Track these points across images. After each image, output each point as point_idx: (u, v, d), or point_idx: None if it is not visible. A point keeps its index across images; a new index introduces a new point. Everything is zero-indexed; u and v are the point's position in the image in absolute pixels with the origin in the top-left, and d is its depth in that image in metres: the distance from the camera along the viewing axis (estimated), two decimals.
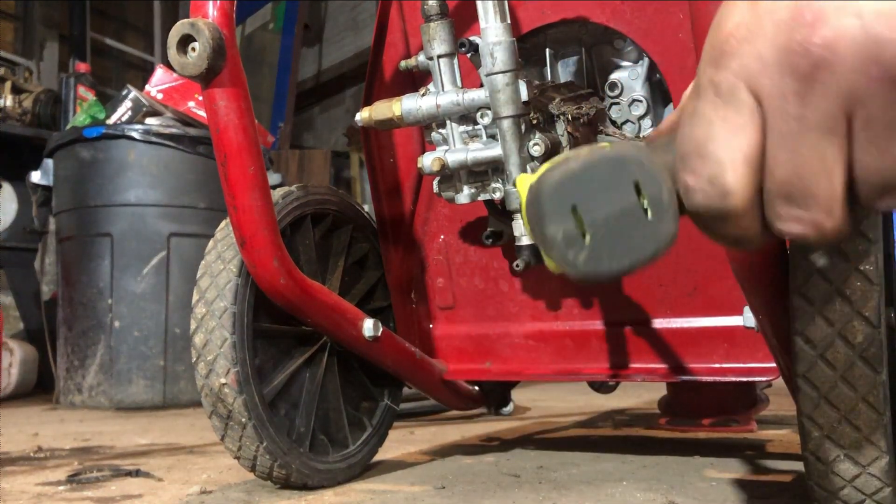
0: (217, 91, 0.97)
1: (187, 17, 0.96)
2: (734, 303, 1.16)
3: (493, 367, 1.36)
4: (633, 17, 1.15)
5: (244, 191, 1.01)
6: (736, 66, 0.35)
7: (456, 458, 1.50)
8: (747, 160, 0.35)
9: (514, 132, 1.01)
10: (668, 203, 0.38)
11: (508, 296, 1.35)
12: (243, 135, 0.99)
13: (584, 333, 1.30)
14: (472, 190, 1.10)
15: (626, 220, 0.38)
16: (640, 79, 1.21)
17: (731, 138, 0.35)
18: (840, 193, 0.35)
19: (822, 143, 0.34)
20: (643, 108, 1.21)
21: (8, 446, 1.78)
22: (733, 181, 0.36)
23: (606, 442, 1.67)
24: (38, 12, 5.50)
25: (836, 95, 0.33)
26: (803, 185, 0.35)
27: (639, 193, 0.38)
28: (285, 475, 1.17)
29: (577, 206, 0.38)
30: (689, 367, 1.22)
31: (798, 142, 0.34)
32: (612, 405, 2.62)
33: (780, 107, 0.34)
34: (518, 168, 1.02)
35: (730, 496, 1.09)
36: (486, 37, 1.00)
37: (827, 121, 0.33)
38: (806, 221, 0.35)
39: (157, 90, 2.96)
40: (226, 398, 1.13)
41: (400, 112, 1.07)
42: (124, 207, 2.84)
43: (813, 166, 0.34)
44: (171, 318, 2.85)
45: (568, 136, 1.08)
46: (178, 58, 0.95)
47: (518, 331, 1.34)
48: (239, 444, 1.15)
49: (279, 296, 1.09)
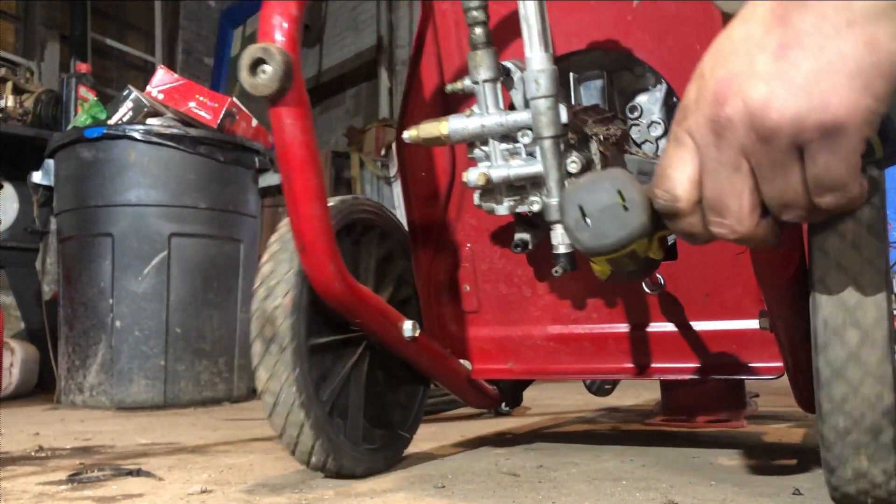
0: (284, 110, 1.05)
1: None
2: (742, 308, 1.28)
3: (516, 367, 1.46)
4: (654, 47, 1.26)
5: (306, 201, 1.10)
6: (685, 125, 0.56)
7: (455, 457, 1.50)
8: (689, 180, 0.56)
9: (555, 151, 1.11)
10: (639, 202, 0.59)
11: (531, 301, 1.44)
12: (306, 150, 1.07)
13: (602, 336, 1.40)
14: (512, 202, 1.19)
15: (611, 211, 0.60)
16: (658, 102, 1.35)
17: (680, 166, 0.56)
18: (747, 209, 0.53)
19: (731, 176, 0.53)
20: (661, 129, 1.35)
21: (9, 446, 1.79)
22: (680, 191, 0.56)
23: (606, 441, 1.68)
24: (39, 13, 5.50)
25: (735, 148, 0.52)
26: (720, 202, 0.54)
27: (620, 196, 0.60)
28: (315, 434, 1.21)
29: (582, 205, 0.61)
30: (700, 367, 1.33)
31: (716, 174, 0.54)
32: (611, 404, 2.63)
33: (706, 152, 0.54)
34: (557, 183, 1.11)
35: (729, 496, 1.10)
36: (531, 65, 1.10)
37: (732, 163, 0.53)
38: (724, 226, 0.55)
39: (158, 91, 2.97)
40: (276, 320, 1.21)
41: (447, 131, 1.17)
42: (125, 207, 2.85)
43: (726, 191, 0.53)
44: (172, 318, 2.85)
45: (600, 154, 1.18)
46: (250, 79, 1.02)
47: (539, 333, 1.44)
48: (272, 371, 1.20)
49: (333, 298, 1.17)
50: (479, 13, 1.13)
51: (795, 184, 0.51)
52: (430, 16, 1.41)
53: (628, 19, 1.27)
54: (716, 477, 1.24)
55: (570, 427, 2.02)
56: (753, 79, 0.50)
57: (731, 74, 0.51)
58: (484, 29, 1.14)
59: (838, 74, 0.46)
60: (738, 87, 0.50)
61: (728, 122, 0.51)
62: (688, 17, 1.24)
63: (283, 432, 1.21)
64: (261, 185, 3.13)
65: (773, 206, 0.53)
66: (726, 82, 0.51)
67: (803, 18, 0.48)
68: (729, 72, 0.51)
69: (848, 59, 0.46)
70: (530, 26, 1.09)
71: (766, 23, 0.50)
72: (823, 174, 0.49)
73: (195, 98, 2.97)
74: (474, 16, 1.14)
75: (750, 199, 0.53)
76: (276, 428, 1.21)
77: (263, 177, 3.13)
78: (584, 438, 1.75)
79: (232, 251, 3.04)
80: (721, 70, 0.52)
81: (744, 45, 0.51)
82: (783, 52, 0.48)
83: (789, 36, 0.48)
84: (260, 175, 3.13)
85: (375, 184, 5.84)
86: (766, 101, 0.49)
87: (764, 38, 0.50)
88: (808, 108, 0.47)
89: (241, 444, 1.78)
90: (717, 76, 0.52)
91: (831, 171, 0.49)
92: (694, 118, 0.54)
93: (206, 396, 2.91)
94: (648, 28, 1.26)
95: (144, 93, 2.96)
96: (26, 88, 3.95)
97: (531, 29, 1.09)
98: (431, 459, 1.48)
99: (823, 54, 0.47)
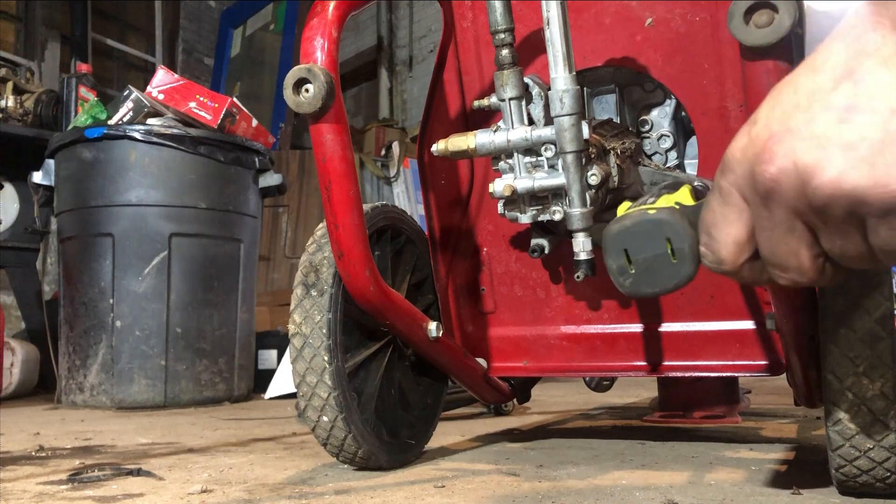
0: (325, 126, 1.13)
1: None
2: (745, 309, 1.35)
3: (530, 365, 1.52)
4: (665, 65, 1.32)
5: (345, 212, 1.17)
6: (731, 178, 0.50)
7: (455, 456, 1.51)
8: (736, 242, 0.52)
9: (577, 165, 1.17)
10: (687, 254, 0.56)
11: (544, 302, 1.51)
12: (346, 164, 1.15)
13: (613, 335, 1.47)
14: (534, 212, 1.26)
15: (658, 262, 0.57)
16: (668, 117, 1.40)
17: (726, 226, 0.52)
18: (808, 263, 0.49)
19: (785, 236, 0.49)
20: (670, 142, 1.40)
21: (9, 445, 1.79)
22: (725, 255, 0.53)
23: (606, 441, 1.68)
24: (40, 13, 5.50)
25: (785, 210, 0.47)
26: (778, 260, 0.50)
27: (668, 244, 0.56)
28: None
29: (627, 249, 0.58)
30: (705, 365, 1.39)
31: (769, 234, 0.50)
32: (610, 402, 2.63)
33: (756, 211, 0.50)
34: (579, 195, 1.18)
35: (729, 495, 1.10)
36: (555, 84, 1.16)
37: (784, 223, 0.48)
38: (786, 279, 0.51)
39: (159, 91, 2.97)
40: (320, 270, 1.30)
41: (474, 145, 1.24)
42: (125, 207, 2.85)
43: (782, 249, 0.50)
44: (173, 318, 2.86)
45: (617, 167, 1.25)
46: (294, 97, 1.10)
47: (553, 333, 1.51)
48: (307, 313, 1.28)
49: (367, 301, 1.24)
50: (506, 35, 1.21)
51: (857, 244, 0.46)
52: (451, 32, 1.46)
53: (639, 39, 1.33)
54: (715, 476, 1.24)
55: (570, 425, 2.02)
56: (810, 140, 0.44)
57: (786, 130, 0.46)
58: (510, 50, 1.20)
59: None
60: (791, 146, 0.45)
61: (775, 184, 0.46)
62: (697, 36, 1.28)
63: (303, 386, 1.27)
64: (261, 185, 3.13)
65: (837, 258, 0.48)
66: (778, 138, 0.46)
67: (877, 78, 0.43)
68: (785, 126, 0.46)
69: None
70: (555, 49, 1.15)
71: (836, 76, 0.44)
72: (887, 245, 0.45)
73: (195, 98, 2.97)
74: (501, 38, 1.21)
75: (809, 252, 0.49)
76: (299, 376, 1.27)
77: (263, 177, 3.13)
78: (585, 437, 1.75)
79: (232, 251, 3.04)
80: (777, 123, 0.46)
81: (808, 100, 0.45)
82: (849, 116, 0.43)
83: (859, 96, 0.43)
84: (260, 175, 3.13)
85: (375, 184, 5.84)
86: (818, 168, 0.44)
87: (831, 95, 0.44)
88: (868, 183, 0.42)
89: (242, 443, 1.78)
90: (771, 129, 0.47)
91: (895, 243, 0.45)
92: (742, 171, 0.49)
93: (206, 396, 2.92)
94: (659, 47, 1.31)
95: (145, 93, 2.97)
96: (27, 88, 3.95)
97: (556, 52, 1.15)
98: (431, 459, 1.48)
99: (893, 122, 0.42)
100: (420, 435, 1.51)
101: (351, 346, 1.36)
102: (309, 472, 1.36)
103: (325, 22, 1.12)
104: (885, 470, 1.01)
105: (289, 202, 5.21)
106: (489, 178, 1.45)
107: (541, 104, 1.20)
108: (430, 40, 6.67)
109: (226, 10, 6.96)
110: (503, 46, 1.20)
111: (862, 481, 1.04)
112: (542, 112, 1.20)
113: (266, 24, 6.44)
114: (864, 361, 0.99)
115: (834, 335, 1.01)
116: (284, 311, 3.95)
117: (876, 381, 0.99)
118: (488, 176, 1.46)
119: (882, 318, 0.99)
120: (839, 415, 1.01)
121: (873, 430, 1.00)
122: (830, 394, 1.02)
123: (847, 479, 1.04)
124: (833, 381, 1.01)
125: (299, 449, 1.67)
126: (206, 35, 6.93)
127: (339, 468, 1.40)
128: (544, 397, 2.90)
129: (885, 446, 1.00)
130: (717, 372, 1.38)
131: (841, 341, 1.00)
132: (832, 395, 1.02)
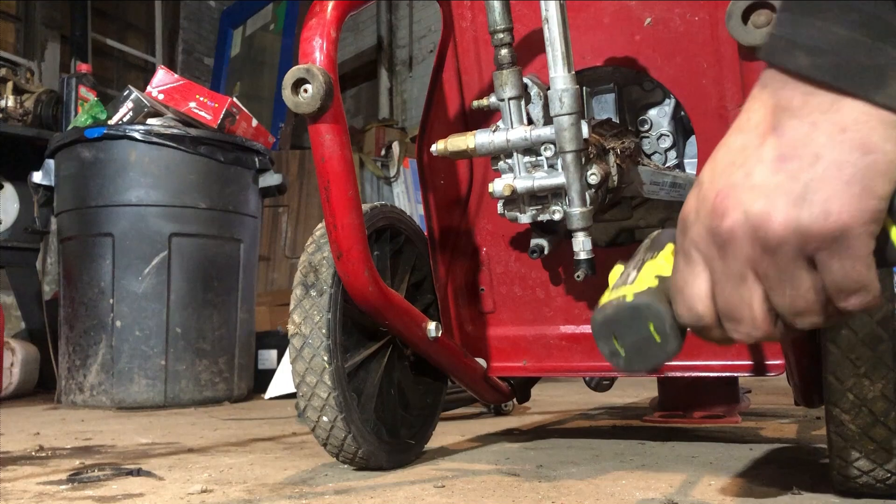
0: (323, 126, 1.12)
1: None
2: None
3: (530, 365, 1.54)
4: (664, 64, 1.31)
5: (344, 212, 1.16)
6: (690, 237, 0.54)
7: (455, 456, 1.51)
8: (707, 296, 0.54)
9: (577, 164, 1.17)
10: (669, 332, 0.59)
11: (544, 302, 1.50)
12: (344, 164, 1.15)
13: None
14: (534, 211, 1.26)
15: (644, 343, 0.60)
16: (667, 116, 1.40)
17: (693, 282, 0.54)
18: (760, 316, 0.52)
19: (738, 287, 0.51)
20: (669, 141, 1.40)
21: (9, 445, 1.79)
22: (701, 309, 0.55)
23: (606, 441, 1.68)
24: (40, 13, 5.50)
25: (739, 260, 0.50)
26: (732, 313, 0.53)
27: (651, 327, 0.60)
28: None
29: (615, 334, 0.61)
30: (705, 365, 1.39)
31: (724, 286, 0.52)
32: (610, 402, 2.63)
33: (712, 265, 0.53)
34: (579, 194, 1.18)
35: (729, 495, 1.10)
36: (555, 84, 1.16)
37: (738, 274, 0.51)
38: (741, 332, 0.53)
39: (159, 91, 2.97)
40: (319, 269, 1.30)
41: (474, 145, 1.24)
42: (125, 207, 2.85)
43: (735, 301, 0.52)
44: (173, 318, 2.85)
45: (617, 166, 1.24)
46: (293, 97, 1.09)
47: (552, 333, 1.51)
48: (307, 312, 1.28)
49: (366, 302, 1.24)
50: (505, 35, 1.20)
51: (806, 292, 0.50)
52: (450, 32, 1.46)
53: (638, 38, 1.32)
54: (715, 476, 1.24)
55: (570, 425, 2.02)
56: (752, 191, 0.49)
57: (730, 186, 0.50)
58: (509, 50, 1.20)
59: (836, 182, 0.46)
60: (738, 199, 0.50)
61: (730, 235, 0.50)
62: (696, 36, 1.28)
63: (304, 381, 1.27)
64: (261, 185, 3.13)
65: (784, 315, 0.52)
66: (725, 194, 0.50)
67: (796, 128, 0.48)
68: (727, 183, 0.50)
69: (844, 165, 0.46)
70: (554, 49, 1.15)
71: (761, 133, 0.49)
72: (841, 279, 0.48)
73: (195, 98, 2.97)
74: (500, 38, 1.20)
75: (761, 306, 0.52)
76: (298, 376, 1.27)
77: (263, 177, 3.13)
78: (584, 437, 1.75)
79: (232, 251, 3.04)
80: (720, 181, 0.51)
81: (741, 156, 0.50)
82: (780, 165, 0.48)
83: (784, 147, 0.48)
84: (260, 175, 3.13)
85: (375, 184, 5.84)
86: (766, 214, 0.48)
87: (760, 150, 0.49)
88: (809, 220, 0.47)
89: (242, 443, 1.78)
90: (716, 187, 0.51)
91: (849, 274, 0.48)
92: (697, 230, 0.53)
93: (206, 396, 2.92)
94: (658, 47, 1.31)
95: (145, 93, 2.96)
96: (27, 88, 3.95)
97: (556, 51, 1.15)
98: (431, 459, 1.48)
99: (819, 164, 0.47)
100: (420, 435, 1.51)
101: (350, 346, 1.36)
102: (309, 472, 1.36)
103: (323, 22, 1.12)
104: (885, 471, 1.01)
105: (289, 202, 5.21)
106: (488, 177, 1.45)
107: (540, 104, 1.20)
108: (430, 40, 6.67)
109: (226, 10, 6.96)
110: (502, 46, 1.20)
111: (862, 482, 1.04)
112: (542, 112, 1.20)
113: (266, 24, 6.44)
114: (866, 363, 0.99)
115: (835, 336, 1.01)
116: (284, 311, 3.95)
117: (877, 383, 0.99)
118: (488, 176, 1.46)
119: (883, 319, 0.99)
120: (840, 416, 1.01)
121: (874, 431, 1.00)
122: (831, 395, 1.02)
123: (847, 480, 1.04)
124: (834, 382, 1.01)
125: (299, 449, 1.67)
126: (206, 35, 6.93)
127: (339, 468, 1.40)
128: (544, 397, 2.90)
129: (886, 447, 1.00)
130: (717, 372, 1.38)
131: (842, 343, 1.00)
132: (833, 396, 1.02)
